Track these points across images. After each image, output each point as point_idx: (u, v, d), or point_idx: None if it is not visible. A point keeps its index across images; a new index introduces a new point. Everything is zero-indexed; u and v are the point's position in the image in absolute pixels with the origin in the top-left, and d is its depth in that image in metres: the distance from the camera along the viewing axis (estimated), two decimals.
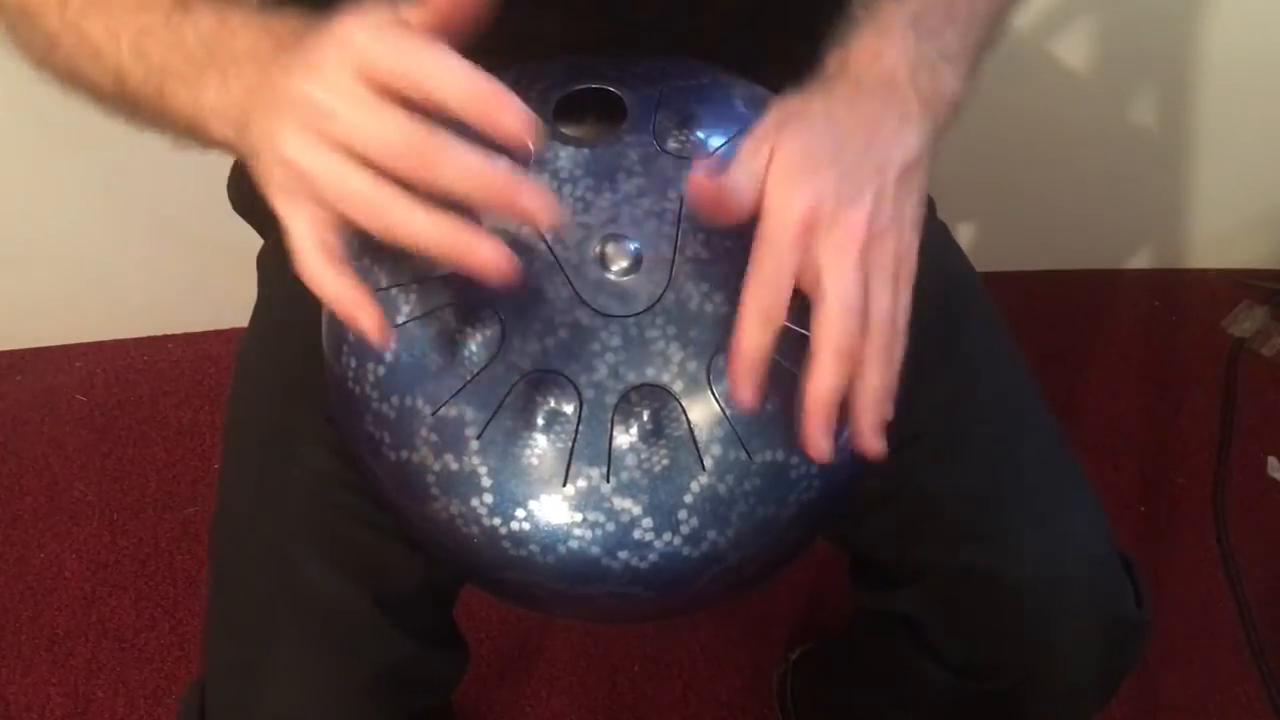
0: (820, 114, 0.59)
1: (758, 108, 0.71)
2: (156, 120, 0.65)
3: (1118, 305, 1.79)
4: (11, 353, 1.68)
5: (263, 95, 0.55)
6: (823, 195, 0.56)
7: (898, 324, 0.58)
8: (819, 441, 0.57)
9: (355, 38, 0.50)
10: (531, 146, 0.49)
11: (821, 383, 0.56)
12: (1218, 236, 1.78)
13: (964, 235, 1.73)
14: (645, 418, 0.60)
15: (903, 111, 0.62)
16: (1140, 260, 1.83)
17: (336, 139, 0.50)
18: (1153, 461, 1.61)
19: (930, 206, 0.94)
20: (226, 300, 1.42)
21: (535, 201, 0.50)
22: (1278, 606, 1.46)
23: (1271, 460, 1.60)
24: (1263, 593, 1.48)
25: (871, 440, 0.59)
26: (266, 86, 0.55)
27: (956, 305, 0.86)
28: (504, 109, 0.49)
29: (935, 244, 0.91)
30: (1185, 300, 1.80)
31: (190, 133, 0.64)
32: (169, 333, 1.70)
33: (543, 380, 0.61)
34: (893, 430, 0.60)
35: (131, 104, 0.66)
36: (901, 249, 0.59)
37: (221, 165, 0.97)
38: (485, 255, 0.50)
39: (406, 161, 0.49)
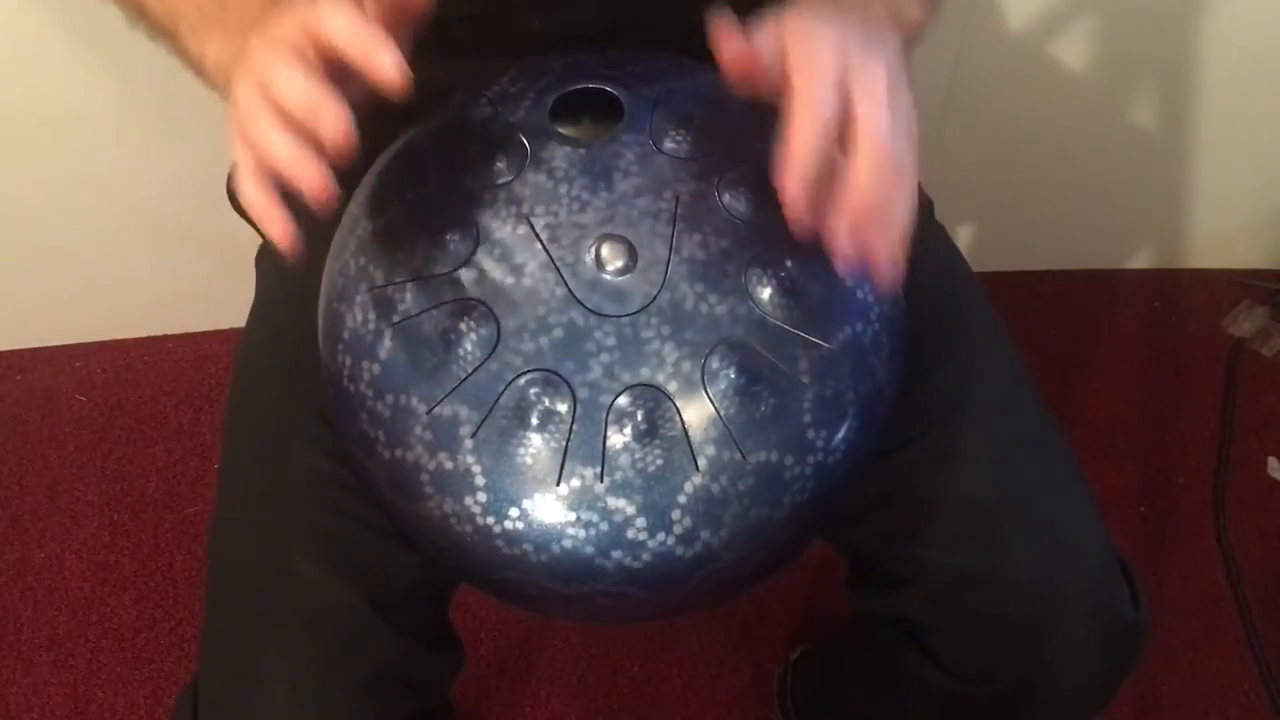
0: (816, 5, 0.60)
1: (755, 107, 0.71)
2: (171, 50, 0.72)
3: (1118, 305, 1.79)
4: (11, 353, 1.69)
5: (243, 57, 0.61)
6: (845, 39, 0.57)
7: (908, 184, 0.58)
8: (795, 189, 0.56)
9: (302, 7, 0.58)
10: (400, 81, 0.55)
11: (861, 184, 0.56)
12: (1218, 236, 1.78)
13: (964, 235, 1.73)
14: (639, 418, 0.60)
15: (880, 18, 0.64)
16: (1140, 260, 1.83)
17: (256, 78, 0.57)
18: (1153, 461, 1.61)
19: (928, 208, 0.95)
20: (226, 300, 1.42)
21: (382, 55, 0.55)
22: (1278, 606, 1.46)
23: (1271, 460, 1.60)
24: (1263, 593, 1.47)
25: (888, 266, 0.58)
26: (245, 53, 0.61)
27: (955, 307, 0.86)
28: (379, 49, 0.55)
29: (934, 245, 0.91)
30: (1185, 300, 1.79)
31: (196, 74, 0.70)
32: (169, 333, 1.70)
33: (537, 379, 0.61)
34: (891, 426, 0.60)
35: (151, 31, 0.73)
36: (911, 115, 0.59)
37: (221, 165, 0.97)
38: (309, 178, 0.55)
39: (283, 95, 0.56)
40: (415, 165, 0.68)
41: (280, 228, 0.57)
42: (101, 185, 1.46)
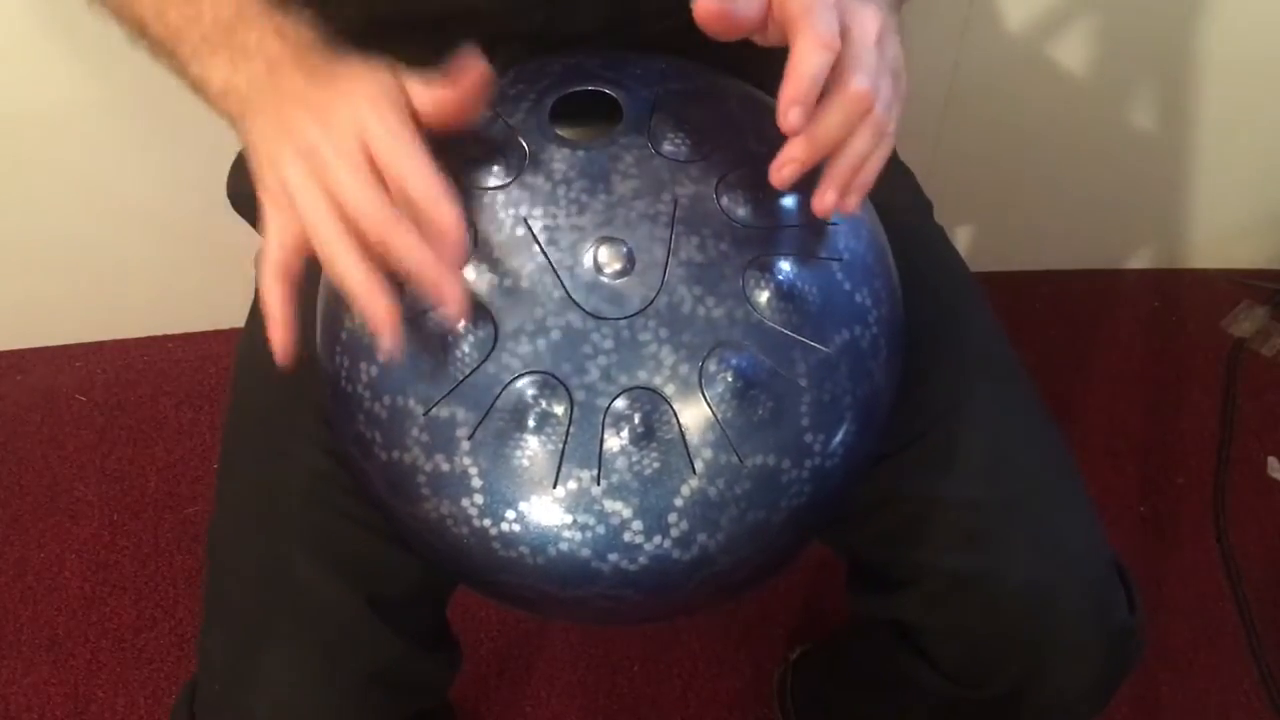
0: None
1: (754, 111, 0.71)
2: (171, 70, 0.72)
3: (1118, 305, 1.78)
4: (11, 353, 1.69)
5: (268, 103, 0.63)
6: None
7: (891, 120, 0.62)
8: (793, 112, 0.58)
9: (364, 111, 0.59)
10: (459, 250, 0.58)
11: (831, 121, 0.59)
12: (1218, 236, 1.77)
13: (964, 235, 1.73)
14: (636, 420, 0.60)
15: None
16: (1140, 260, 1.83)
17: (327, 184, 0.58)
18: (1153, 461, 1.60)
19: (927, 210, 0.94)
20: (226, 300, 1.42)
21: (450, 292, 0.57)
22: (1278, 606, 1.46)
23: (1271, 460, 1.60)
24: (1263, 593, 1.47)
25: (838, 195, 0.61)
26: (274, 101, 0.62)
27: (954, 309, 0.86)
28: (448, 216, 0.57)
29: (933, 247, 0.91)
30: (1185, 300, 1.79)
31: (197, 94, 0.69)
32: (169, 333, 1.70)
33: (534, 382, 0.61)
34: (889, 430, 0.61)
35: (152, 50, 0.73)
36: (900, 65, 0.63)
37: (221, 165, 0.97)
38: (380, 313, 0.57)
39: (370, 225, 0.57)
40: None
41: (284, 334, 0.60)
42: (102, 185, 1.45)
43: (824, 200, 0.61)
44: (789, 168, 0.59)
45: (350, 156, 0.58)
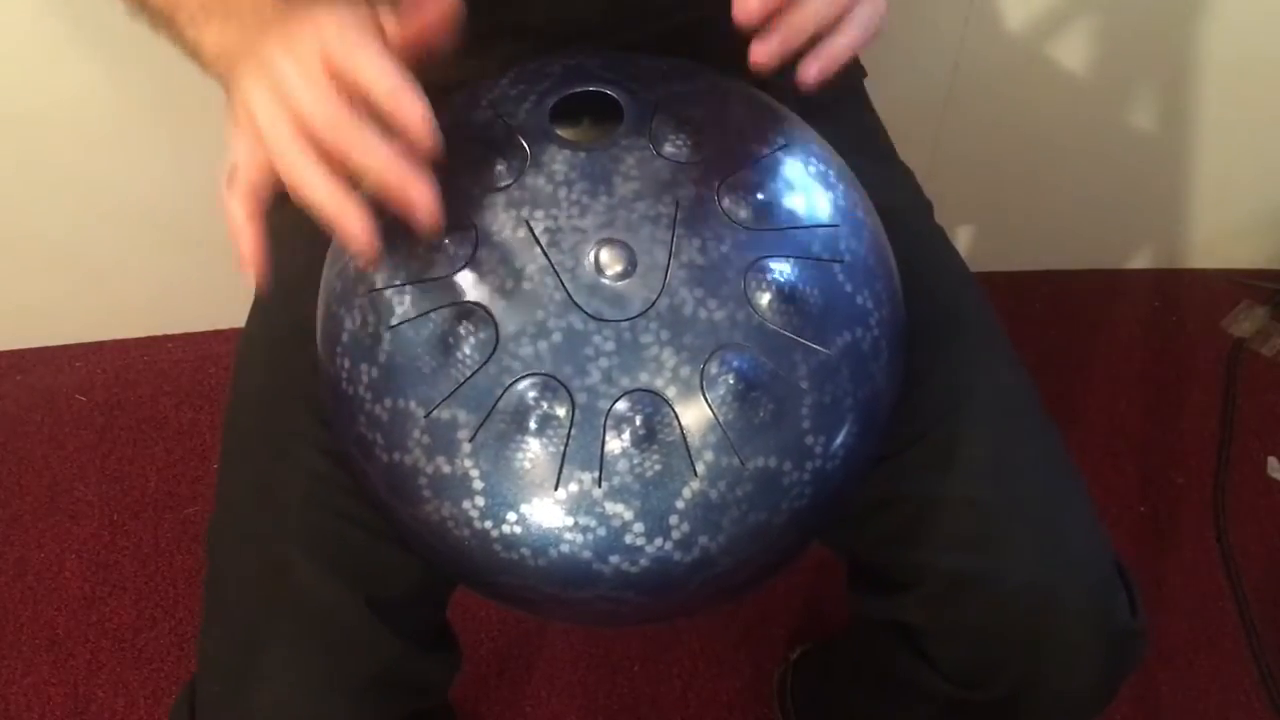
0: None
1: (756, 111, 0.71)
2: (170, 39, 0.72)
3: (1118, 305, 1.79)
4: (11, 353, 1.69)
5: (248, 48, 0.63)
6: None
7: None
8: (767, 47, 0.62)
9: (327, 28, 0.58)
10: (430, 145, 0.57)
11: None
12: (1218, 236, 1.77)
13: (964, 236, 1.73)
14: (638, 423, 0.60)
15: None
16: (1140, 260, 1.83)
17: (284, 99, 0.58)
18: (1153, 461, 1.60)
19: (927, 210, 0.94)
20: (226, 300, 1.42)
21: (418, 194, 0.57)
22: (1278, 606, 1.46)
23: (1271, 460, 1.60)
24: (1263, 593, 1.47)
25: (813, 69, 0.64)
26: (252, 43, 0.62)
27: (954, 310, 0.86)
28: (412, 108, 0.57)
29: (933, 247, 0.91)
30: (1185, 300, 1.79)
31: (193, 59, 0.70)
32: (169, 333, 1.70)
33: (536, 384, 0.61)
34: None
35: (152, 22, 0.73)
36: None
37: (221, 165, 0.97)
38: (352, 226, 0.57)
39: (328, 133, 0.57)
40: None
41: (253, 248, 0.60)
42: (102, 185, 1.45)
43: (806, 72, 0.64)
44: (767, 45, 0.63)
45: (308, 70, 0.58)
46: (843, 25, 0.64)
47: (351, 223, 0.57)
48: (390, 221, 0.66)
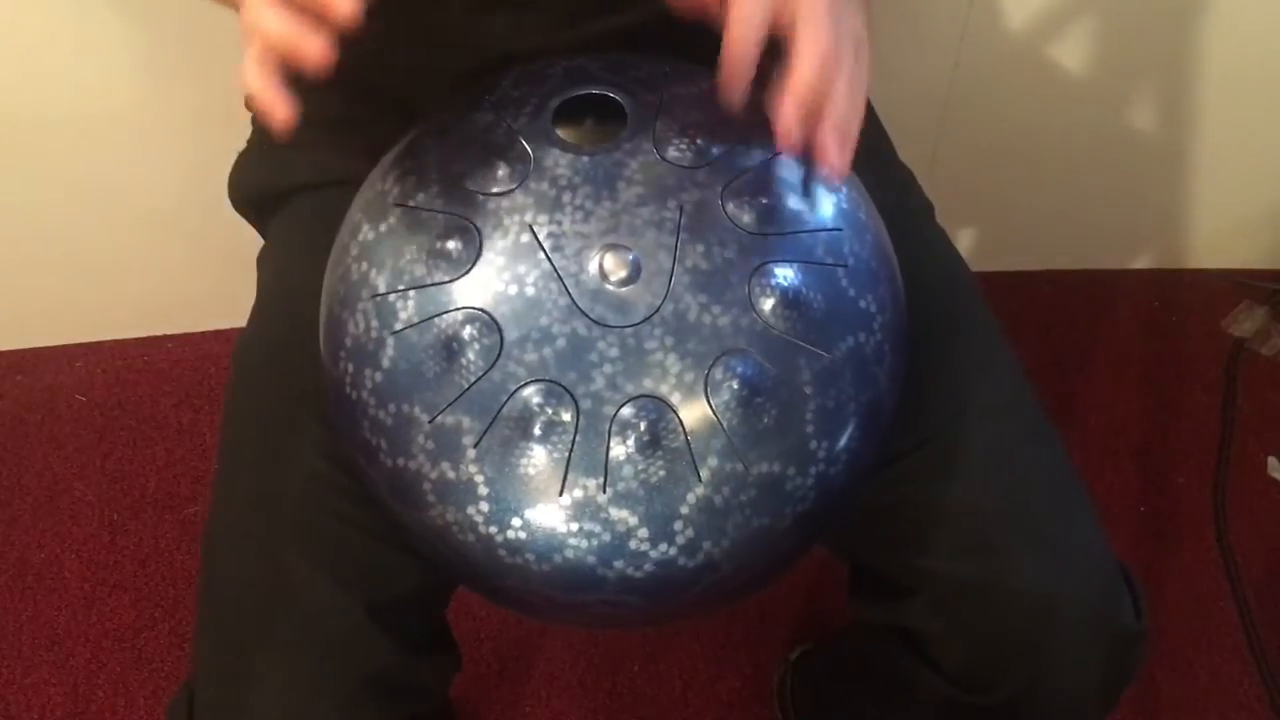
0: None
1: (759, 114, 0.71)
2: None
3: (1118, 305, 1.79)
4: (11, 353, 1.69)
5: None
6: None
7: (860, 87, 0.65)
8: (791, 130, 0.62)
9: None
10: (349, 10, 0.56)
11: (803, 74, 0.62)
12: (1218, 236, 1.78)
13: (965, 235, 1.73)
14: (642, 429, 0.60)
15: None
16: (1140, 260, 1.83)
17: None
18: (1153, 461, 1.61)
19: (928, 212, 0.94)
20: (226, 300, 1.42)
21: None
22: (1278, 606, 1.46)
23: (1271, 460, 1.60)
24: (1263, 593, 1.48)
25: (836, 154, 0.63)
26: None
27: (955, 314, 0.86)
28: None
29: (934, 250, 0.91)
30: (1185, 300, 1.79)
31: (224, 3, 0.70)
32: (169, 333, 1.70)
33: (540, 390, 0.61)
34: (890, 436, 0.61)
35: None
36: (861, 34, 0.66)
37: (222, 166, 0.97)
38: (308, 47, 0.56)
39: None
40: (417, 171, 0.68)
41: (281, 110, 0.58)
42: (102, 186, 1.45)
43: (828, 160, 0.63)
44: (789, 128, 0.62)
45: None
46: (856, 108, 0.65)
47: (308, 45, 0.57)
48: (394, 225, 0.67)
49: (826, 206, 0.68)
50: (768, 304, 0.63)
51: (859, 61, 0.64)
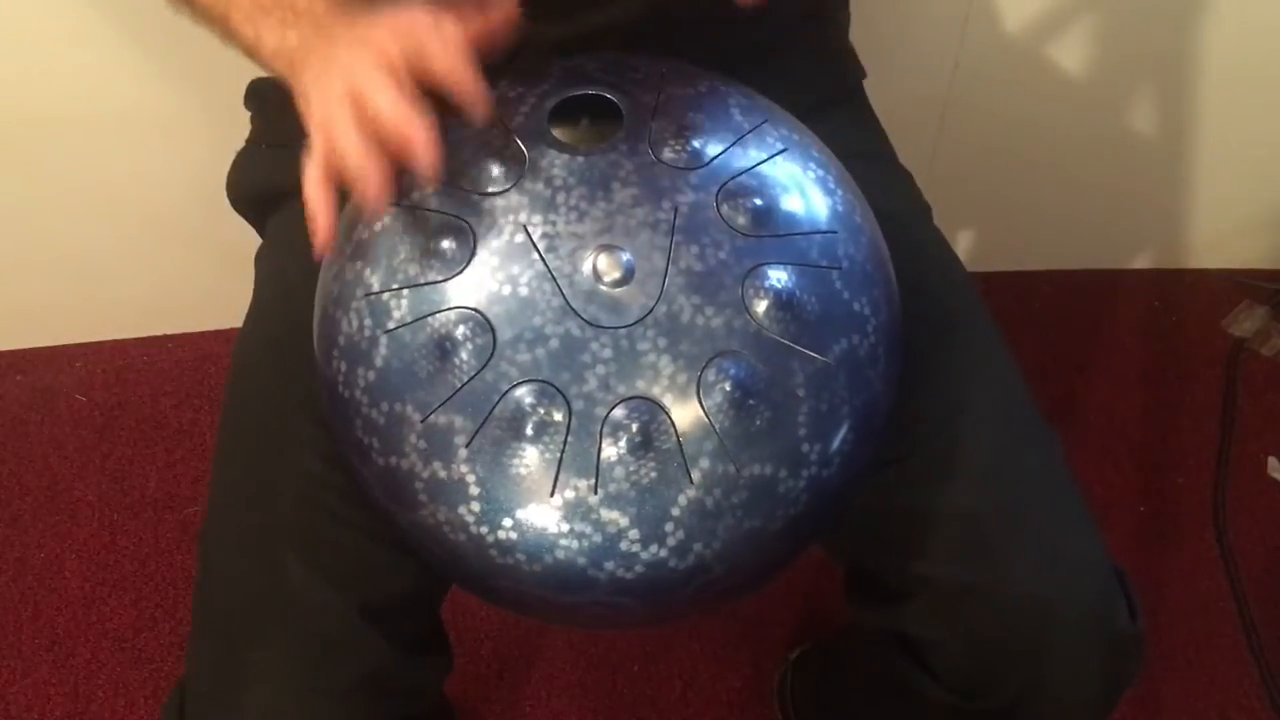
0: None
1: (755, 116, 0.71)
2: (220, 36, 0.74)
3: (1118, 305, 1.79)
4: (11, 353, 1.69)
5: (317, 53, 0.66)
6: None
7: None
8: None
9: (403, 32, 0.63)
10: (485, 114, 0.62)
11: None
12: (1218, 236, 1.77)
13: (964, 236, 1.73)
14: (634, 430, 0.60)
15: None
16: (1140, 260, 1.83)
17: (351, 91, 0.62)
18: (1153, 461, 1.61)
19: (926, 214, 0.94)
20: (226, 300, 1.41)
21: (420, 149, 0.60)
22: (1278, 606, 1.46)
23: (1271, 460, 1.60)
24: (1263, 593, 1.47)
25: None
26: (321, 50, 0.66)
27: (952, 316, 0.86)
28: (471, 86, 0.62)
29: (931, 253, 0.91)
30: (1185, 300, 1.79)
31: (249, 57, 0.73)
32: (169, 333, 1.70)
33: (533, 390, 0.61)
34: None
35: (195, 17, 0.76)
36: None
37: (221, 166, 0.97)
38: (369, 187, 0.61)
39: (393, 125, 0.61)
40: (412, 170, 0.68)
41: (324, 226, 0.62)
42: (102, 186, 1.46)
43: None
44: None
45: (374, 55, 0.62)
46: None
47: (369, 184, 0.61)
48: (388, 224, 0.67)
49: (821, 209, 0.68)
50: (761, 306, 0.62)
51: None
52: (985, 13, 1.41)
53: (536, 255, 0.63)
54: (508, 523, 0.61)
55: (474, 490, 0.61)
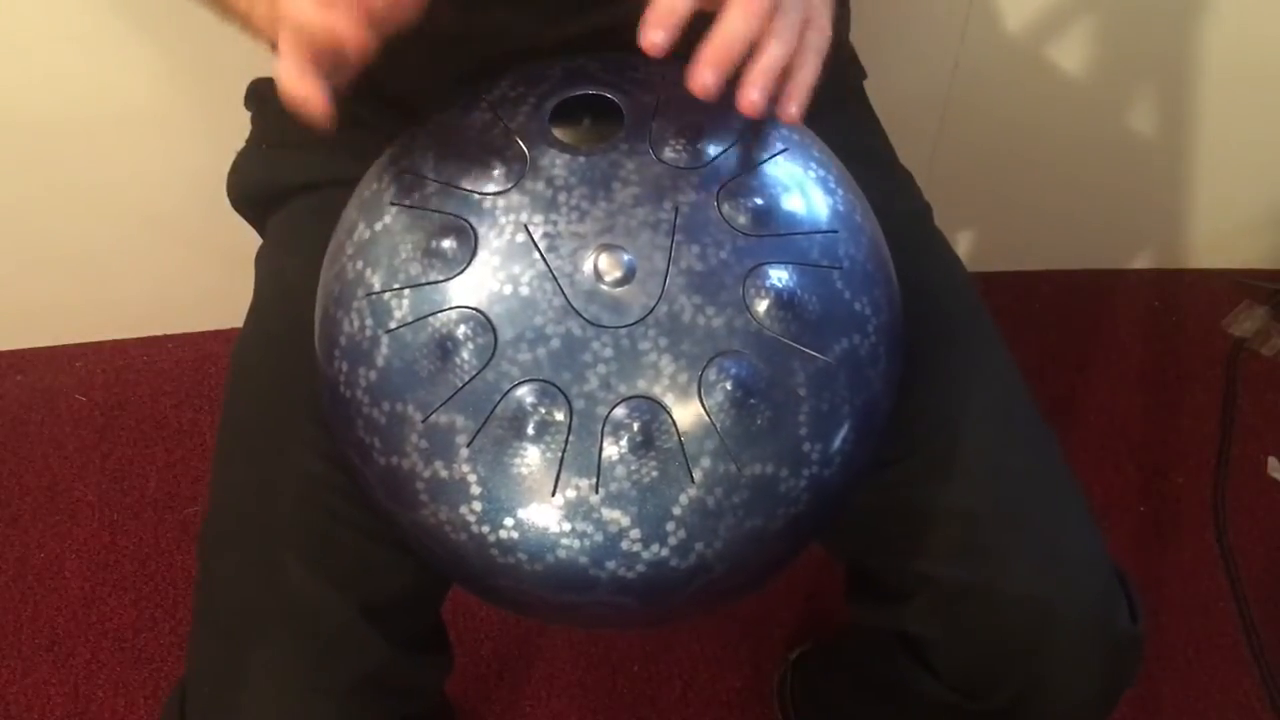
0: None
1: (756, 118, 0.71)
2: (218, 13, 0.73)
3: (1118, 305, 1.79)
4: (11, 353, 1.69)
5: None
6: None
7: (812, 28, 0.63)
8: (703, 74, 0.59)
9: None
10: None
11: (729, 27, 0.59)
12: (1218, 236, 1.77)
13: (964, 236, 1.73)
14: (635, 429, 0.60)
15: None
16: (1140, 261, 1.83)
17: None
18: (1153, 461, 1.61)
19: (926, 214, 0.94)
20: (226, 300, 1.42)
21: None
22: (1278, 606, 1.46)
23: (1271, 460, 1.60)
24: (1263, 593, 1.48)
25: (752, 95, 0.60)
26: None
27: (952, 316, 0.86)
28: None
29: (932, 252, 0.91)
30: (1185, 300, 1.79)
31: (244, 30, 0.71)
32: (169, 333, 1.70)
33: (534, 389, 0.61)
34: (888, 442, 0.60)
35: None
36: (815, 11, 0.63)
37: (221, 166, 0.97)
38: (343, 28, 0.58)
39: None
40: (414, 170, 0.68)
41: (317, 99, 0.59)
42: (102, 186, 1.46)
43: (746, 96, 0.60)
44: (701, 71, 0.59)
45: None
46: (801, 59, 0.62)
47: (344, 27, 0.59)
48: (389, 224, 0.67)
49: (822, 208, 0.68)
50: (762, 305, 0.63)
51: (813, 29, 0.63)
52: (985, 13, 1.41)
53: (537, 255, 0.63)
54: (509, 522, 0.61)
55: (475, 490, 0.61)
